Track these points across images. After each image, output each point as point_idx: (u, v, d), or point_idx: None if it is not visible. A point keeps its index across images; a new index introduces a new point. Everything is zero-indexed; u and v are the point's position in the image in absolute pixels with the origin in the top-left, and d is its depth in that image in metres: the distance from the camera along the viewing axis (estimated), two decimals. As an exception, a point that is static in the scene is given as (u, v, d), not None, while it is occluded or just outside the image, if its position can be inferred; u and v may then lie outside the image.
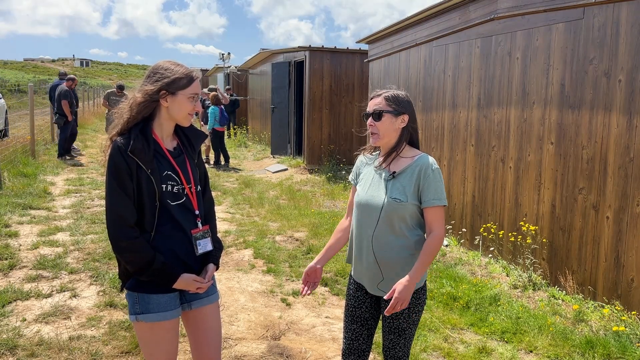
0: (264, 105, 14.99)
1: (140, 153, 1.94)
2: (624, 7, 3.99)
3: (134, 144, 1.93)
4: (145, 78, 2.06)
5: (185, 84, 2.02)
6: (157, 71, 2.03)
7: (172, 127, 2.11)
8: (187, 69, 2.05)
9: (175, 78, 2.00)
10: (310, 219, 6.86)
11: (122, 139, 1.96)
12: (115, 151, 1.94)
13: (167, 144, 2.09)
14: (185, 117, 2.06)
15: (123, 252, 1.97)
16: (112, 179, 1.94)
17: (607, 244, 4.15)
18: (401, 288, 2.04)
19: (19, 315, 3.73)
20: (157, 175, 1.98)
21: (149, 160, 1.96)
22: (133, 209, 1.96)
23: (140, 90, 2.02)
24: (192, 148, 2.18)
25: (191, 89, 2.03)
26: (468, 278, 4.89)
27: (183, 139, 2.16)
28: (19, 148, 10.44)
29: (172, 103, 2.02)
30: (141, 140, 1.96)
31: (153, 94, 1.99)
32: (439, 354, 3.48)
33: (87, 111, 22.72)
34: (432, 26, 6.51)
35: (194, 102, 2.05)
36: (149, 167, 1.96)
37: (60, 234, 5.77)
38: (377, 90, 2.29)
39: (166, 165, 2.04)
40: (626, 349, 3.45)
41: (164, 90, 1.99)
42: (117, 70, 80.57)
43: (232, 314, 3.96)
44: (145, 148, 1.96)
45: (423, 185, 2.16)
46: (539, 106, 4.81)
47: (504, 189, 5.30)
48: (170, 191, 2.03)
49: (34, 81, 33.77)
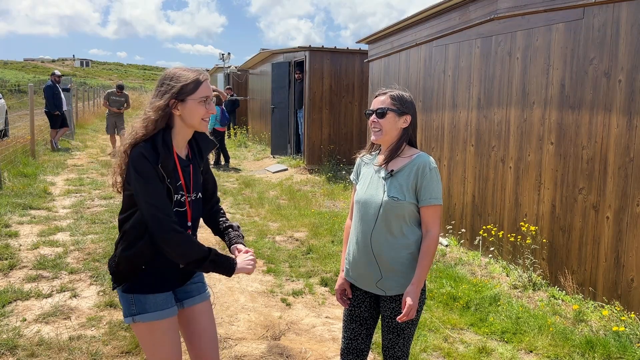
0: (264, 105, 14.99)
1: (166, 165, 1.93)
2: (624, 7, 3.99)
3: (163, 159, 1.92)
4: (154, 90, 2.03)
5: (193, 88, 1.98)
6: (164, 82, 2.00)
7: (189, 135, 2.08)
8: (194, 72, 2.01)
9: (182, 86, 1.96)
10: (310, 219, 6.86)
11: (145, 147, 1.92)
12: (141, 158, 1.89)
13: (180, 152, 2.08)
14: (200, 122, 2.02)
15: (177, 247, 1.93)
16: (146, 182, 1.89)
17: (607, 244, 4.15)
18: (412, 296, 2.11)
19: (19, 315, 3.73)
20: (174, 185, 1.98)
21: (170, 171, 1.96)
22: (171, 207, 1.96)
23: (151, 107, 1.98)
24: (200, 156, 2.16)
25: (200, 92, 1.99)
26: (468, 278, 4.89)
27: (194, 147, 2.14)
28: (19, 148, 10.44)
29: (183, 110, 1.98)
30: (166, 152, 1.94)
31: (165, 108, 1.96)
32: (439, 354, 3.48)
33: (87, 111, 22.71)
34: (432, 26, 6.51)
35: (207, 105, 2.01)
36: (169, 176, 1.96)
37: (60, 234, 5.77)
38: (383, 89, 2.30)
39: (178, 176, 2.03)
40: (626, 349, 3.45)
41: (173, 100, 1.96)
42: (117, 70, 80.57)
43: (232, 314, 3.96)
44: (169, 159, 1.95)
45: (421, 184, 2.17)
46: (539, 106, 4.81)
47: (504, 189, 5.30)
48: (178, 200, 2.03)
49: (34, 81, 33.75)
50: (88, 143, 14.27)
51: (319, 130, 11.05)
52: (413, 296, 2.11)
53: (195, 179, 2.11)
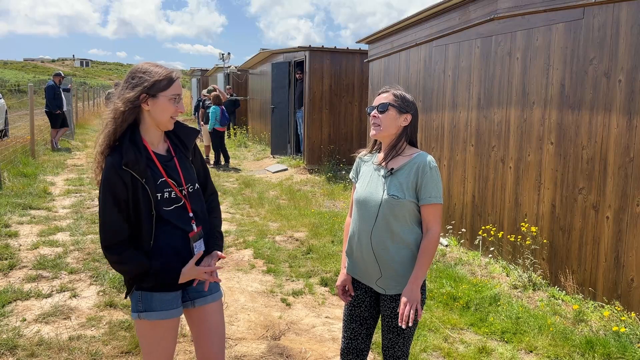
0: (264, 105, 14.99)
1: (134, 165, 1.92)
2: (624, 7, 3.99)
3: (127, 156, 1.91)
4: (123, 83, 2.00)
5: (166, 85, 1.97)
6: (136, 75, 1.97)
7: (160, 132, 2.07)
8: (166, 69, 2.00)
9: (154, 81, 1.95)
10: (310, 219, 6.86)
11: (114, 154, 1.93)
12: (109, 168, 1.91)
13: (158, 148, 2.06)
14: (168, 121, 2.01)
15: (115, 264, 1.98)
16: (107, 193, 1.92)
17: (607, 244, 4.15)
18: (408, 295, 2.09)
19: (19, 315, 3.73)
20: (151, 184, 1.96)
21: (142, 170, 1.94)
22: (125, 224, 1.95)
23: (121, 98, 1.96)
24: (184, 147, 2.13)
25: (172, 90, 1.98)
26: (468, 278, 4.89)
27: (174, 140, 2.12)
28: (19, 148, 10.44)
29: (153, 106, 1.96)
30: (133, 151, 1.93)
31: (134, 100, 1.94)
32: (439, 354, 3.48)
33: (87, 111, 22.72)
34: (432, 26, 6.51)
35: (176, 104, 2.00)
36: (142, 176, 1.94)
37: (60, 234, 5.77)
38: (386, 87, 2.32)
39: (159, 173, 2.01)
40: (626, 349, 3.45)
41: (144, 94, 1.94)
42: (117, 70, 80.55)
43: (232, 314, 3.96)
44: (138, 158, 1.93)
45: (421, 183, 2.17)
46: (539, 106, 4.81)
47: (504, 189, 5.30)
48: (167, 198, 2.01)
49: (34, 81, 33.75)
50: (88, 143, 14.27)
51: (318, 130, 11.05)
52: (410, 294, 2.09)
53: (184, 171, 2.09)
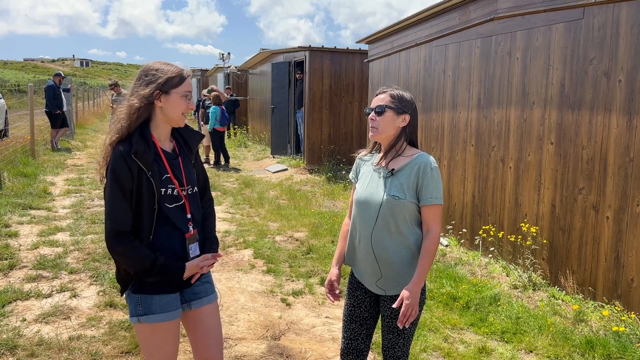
0: (264, 105, 14.99)
1: (143, 155, 1.95)
2: (624, 7, 3.99)
3: (136, 146, 1.94)
4: (136, 81, 2.06)
5: (178, 82, 2.03)
6: (149, 72, 2.03)
7: (169, 129, 2.12)
8: (177, 67, 2.06)
9: (167, 78, 2.01)
10: (310, 219, 6.86)
11: (124, 143, 1.97)
12: (118, 156, 1.94)
13: (164, 145, 2.10)
14: (180, 117, 2.07)
15: (120, 256, 1.97)
16: (114, 184, 1.93)
17: (607, 244, 4.15)
18: (409, 295, 2.08)
19: (19, 315, 3.73)
20: (157, 178, 1.99)
21: (150, 162, 1.97)
22: (131, 215, 1.96)
23: (135, 95, 2.01)
24: (188, 149, 2.18)
25: (184, 87, 2.04)
26: (468, 278, 4.89)
27: (180, 141, 2.17)
28: (19, 148, 10.44)
29: (166, 102, 2.02)
30: (142, 143, 1.97)
31: (149, 97, 1.99)
32: (439, 354, 3.48)
33: (87, 111, 22.72)
34: (432, 26, 6.51)
35: (188, 101, 2.06)
36: (149, 169, 1.97)
37: (60, 234, 5.77)
38: (384, 88, 2.31)
39: (164, 169, 2.04)
40: (626, 349, 3.45)
41: (157, 91, 2.00)
42: (117, 70, 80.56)
43: (232, 314, 3.96)
44: (147, 150, 1.97)
45: (422, 183, 2.16)
46: (539, 106, 4.81)
47: (504, 189, 5.30)
48: (170, 195, 2.04)
49: (34, 81, 33.74)
50: (88, 143, 14.27)
51: (318, 130, 11.05)
52: (412, 295, 2.09)
53: (187, 172, 2.13)
